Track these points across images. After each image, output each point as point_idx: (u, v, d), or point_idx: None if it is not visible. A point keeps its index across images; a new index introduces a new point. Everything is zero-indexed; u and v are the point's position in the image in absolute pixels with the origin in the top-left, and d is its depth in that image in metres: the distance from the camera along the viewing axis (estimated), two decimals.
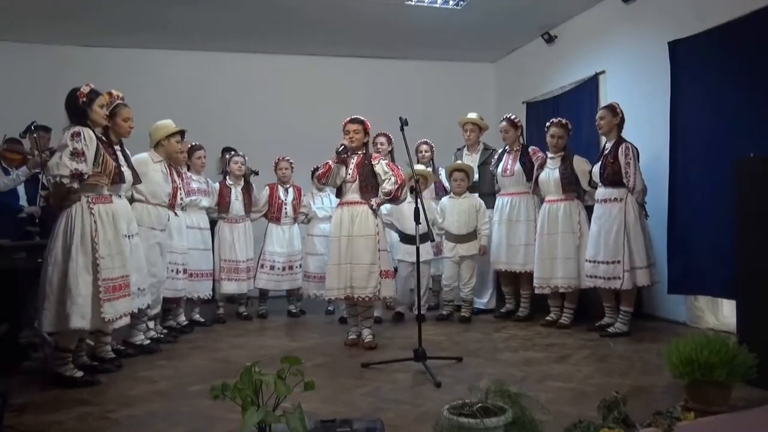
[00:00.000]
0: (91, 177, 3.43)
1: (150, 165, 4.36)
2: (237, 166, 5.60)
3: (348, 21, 6.37)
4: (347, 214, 4.29)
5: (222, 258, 5.49)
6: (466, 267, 5.27)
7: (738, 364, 2.63)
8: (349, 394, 3.17)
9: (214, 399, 1.94)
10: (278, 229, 5.76)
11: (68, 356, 3.47)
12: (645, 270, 4.46)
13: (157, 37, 6.77)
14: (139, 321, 4.25)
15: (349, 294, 4.24)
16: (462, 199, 5.29)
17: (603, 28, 5.93)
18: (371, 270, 4.21)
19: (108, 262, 3.43)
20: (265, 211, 5.77)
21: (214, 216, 5.57)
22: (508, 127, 5.30)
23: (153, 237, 4.29)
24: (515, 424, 2.08)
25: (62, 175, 3.28)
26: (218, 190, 5.53)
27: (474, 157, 5.68)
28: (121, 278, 3.53)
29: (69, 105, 3.49)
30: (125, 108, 3.95)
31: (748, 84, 4.13)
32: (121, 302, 3.50)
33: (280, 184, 5.82)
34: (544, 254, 4.87)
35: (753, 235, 3.16)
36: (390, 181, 4.26)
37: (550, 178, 4.91)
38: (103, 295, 3.38)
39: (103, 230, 3.44)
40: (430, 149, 5.76)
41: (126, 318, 3.60)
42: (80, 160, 3.32)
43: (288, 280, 5.75)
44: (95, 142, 3.44)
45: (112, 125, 3.84)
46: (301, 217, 5.85)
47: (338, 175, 4.32)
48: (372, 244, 4.24)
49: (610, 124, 4.59)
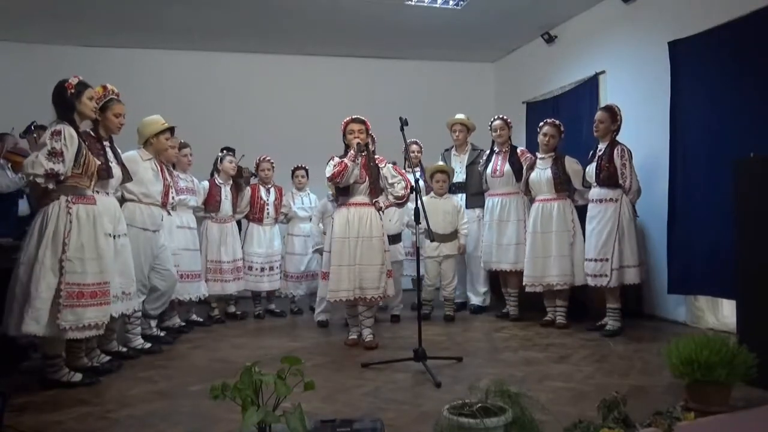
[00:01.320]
0: (71, 178, 3.30)
1: (140, 163, 4.23)
2: (231, 165, 5.53)
3: (348, 21, 6.37)
4: (355, 216, 4.29)
5: (208, 258, 5.42)
6: (448, 266, 5.34)
7: (738, 364, 2.63)
8: (349, 394, 3.17)
9: (214, 399, 1.94)
10: (259, 229, 5.72)
11: (58, 361, 3.35)
12: (635, 269, 4.52)
13: (157, 37, 6.77)
14: (133, 325, 4.20)
15: (359, 295, 4.24)
16: (444, 199, 5.36)
17: (603, 28, 5.93)
18: (382, 270, 4.25)
19: (77, 265, 3.24)
20: (247, 211, 5.73)
21: (200, 215, 5.46)
22: (503, 125, 5.36)
23: (146, 239, 4.18)
24: (515, 424, 2.08)
25: (36, 174, 3.17)
26: (207, 188, 5.44)
27: (462, 157, 5.79)
28: (96, 285, 3.31)
29: (56, 98, 3.38)
30: (118, 104, 3.84)
31: (748, 84, 4.13)
32: (89, 310, 3.27)
33: (261, 184, 5.78)
34: (537, 253, 4.89)
35: (753, 235, 3.16)
36: (401, 185, 4.30)
37: (541, 177, 4.94)
38: (64, 300, 3.17)
39: (77, 232, 3.28)
40: (420, 149, 5.87)
41: (98, 329, 3.37)
42: (57, 160, 3.19)
43: (268, 280, 5.71)
44: (77, 142, 3.31)
45: (102, 120, 3.73)
46: (281, 217, 5.83)
47: (353, 174, 4.31)
48: (381, 245, 4.29)
49: (608, 128, 4.61)
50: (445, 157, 5.90)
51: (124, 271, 3.75)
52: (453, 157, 5.84)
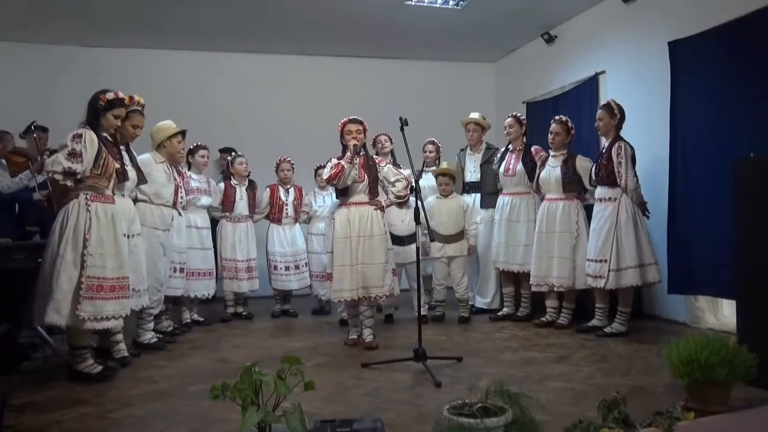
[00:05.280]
0: (90, 178, 3.49)
1: (153, 166, 4.42)
2: (242, 167, 5.68)
3: (348, 21, 6.37)
4: (356, 215, 4.29)
5: (223, 257, 5.55)
6: (457, 267, 5.27)
7: (738, 364, 2.62)
8: (349, 394, 3.17)
9: (214, 399, 1.94)
10: (279, 229, 5.79)
11: (84, 353, 3.51)
12: (635, 270, 4.43)
13: (157, 37, 6.77)
14: (144, 321, 4.32)
15: (363, 294, 4.24)
16: (449, 199, 5.31)
17: (603, 28, 5.93)
18: (386, 269, 4.25)
19: (97, 260, 3.41)
20: (267, 212, 5.81)
21: (216, 215, 5.61)
22: (513, 122, 5.30)
23: (156, 237, 4.32)
24: (515, 424, 2.08)
25: (55, 171, 3.37)
26: (223, 189, 5.61)
27: (477, 156, 5.71)
28: (115, 279, 3.49)
29: (90, 103, 3.61)
30: (138, 116, 4.02)
31: (748, 84, 4.13)
32: (110, 303, 3.45)
33: (281, 184, 5.85)
34: (542, 252, 4.88)
35: (753, 235, 3.16)
36: (402, 184, 4.30)
37: (551, 176, 4.91)
38: (84, 292, 3.35)
39: (97, 228, 3.45)
40: (435, 149, 5.76)
41: (115, 321, 3.54)
42: (76, 160, 3.39)
43: (296, 279, 5.79)
44: (97, 145, 3.50)
45: (121, 127, 3.85)
46: (303, 216, 5.88)
47: (350, 176, 4.31)
48: (384, 243, 4.29)
49: (608, 125, 4.60)
50: (460, 157, 5.82)
51: (136, 269, 3.85)
52: (467, 156, 5.75)
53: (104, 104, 3.57)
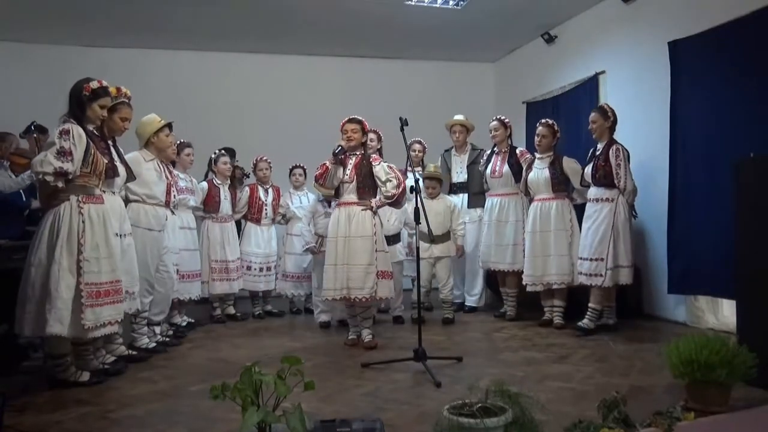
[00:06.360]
0: (80, 177, 3.33)
1: (143, 165, 4.20)
2: (226, 166, 5.55)
3: (348, 21, 6.37)
4: (344, 215, 4.29)
5: (212, 258, 5.42)
6: (442, 268, 5.29)
7: (738, 364, 2.63)
8: (349, 394, 3.17)
9: (214, 399, 1.94)
10: (257, 229, 5.73)
11: (65, 361, 3.36)
12: (628, 269, 4.53)
13: (157, 37, 6.77)
14: (138, 325, 4.20)
15: (346, 295, 4.22)
16: (436, 200, 5.32)
17: (603, 28, 5.93)
18: (368, 271, 4.19)
19: (93, 265, 3.28)
20: (245, 211, 5.74)
21: (199, 215, 5.44)
22: (499, 126, 5.38)
23: (152, 239, 4.18)
24: (515, 424, 2.08)
25: (45, 172, 3.19)
26: (206, 189, 5.45)
27: (462, 157, 5.82)
28: (109, 283, 3.36)
29: (72, 93, 3.42)
30: (127, 108, 3.85)
31: (748, 84, 4.13)
32: (105, 309, 3.32)
33: (259, 184, 5.79)
34: (536, 252, 4.90)
35: (753, 235, 3.16)
36: (392, 183, 4.25)
37: (539, 177, 4.96)
38: (86, 300, 3.21)
39: (91, 232, 3.31)
40: (423, 149, 5.82)
41: (111, 327, 3.40)
42: (66, 159, 3.22)
43: (264, 281, 5.73)
44: (85, 141, 3.33)
45: (108, 120, 3.69)
46: (278, 217, 5.83)
47: (335, 176, 4.30)
48: (369, 245, 4.21)
49: (602, 127, 4.63)
50: (445, 157, 5.91)
51: (129, 270, 3.75)
52: (453, 158, 5.87)
53: (89, 94, 3.38)
